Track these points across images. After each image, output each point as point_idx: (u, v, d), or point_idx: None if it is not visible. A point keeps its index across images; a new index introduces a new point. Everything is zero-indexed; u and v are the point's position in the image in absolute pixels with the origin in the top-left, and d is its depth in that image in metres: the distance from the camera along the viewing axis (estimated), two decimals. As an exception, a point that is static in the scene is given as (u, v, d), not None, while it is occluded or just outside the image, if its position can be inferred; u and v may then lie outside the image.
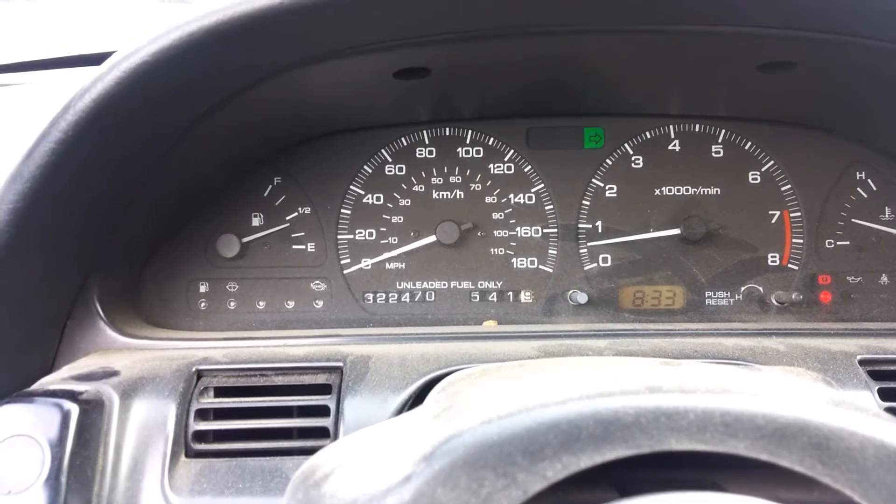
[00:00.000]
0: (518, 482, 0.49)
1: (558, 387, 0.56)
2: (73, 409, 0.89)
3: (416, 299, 1.41)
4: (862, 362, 1.03)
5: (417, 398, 0.96)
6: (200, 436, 0.95)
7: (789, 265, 1.41)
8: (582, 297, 1.37)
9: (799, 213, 1.41)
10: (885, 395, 0.98)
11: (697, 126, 1.42)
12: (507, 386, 0.64)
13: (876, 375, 1.01)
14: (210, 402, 0.99)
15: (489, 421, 0.52)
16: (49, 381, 0.99)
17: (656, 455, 0.50)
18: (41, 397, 0.91)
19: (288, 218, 1.41)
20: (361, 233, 1.42)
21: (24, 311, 1.04)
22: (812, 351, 1.06)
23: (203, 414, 0.97)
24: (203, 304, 1.39)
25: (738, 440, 0.50)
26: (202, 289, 1.40)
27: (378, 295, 1.42)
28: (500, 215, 1.42)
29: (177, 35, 0.89)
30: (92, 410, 0.91)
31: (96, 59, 0.95)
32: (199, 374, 1.02)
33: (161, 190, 1.21)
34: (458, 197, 1.42)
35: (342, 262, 1.42)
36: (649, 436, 0.50)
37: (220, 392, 1.01)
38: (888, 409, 0.96)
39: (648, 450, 0.50)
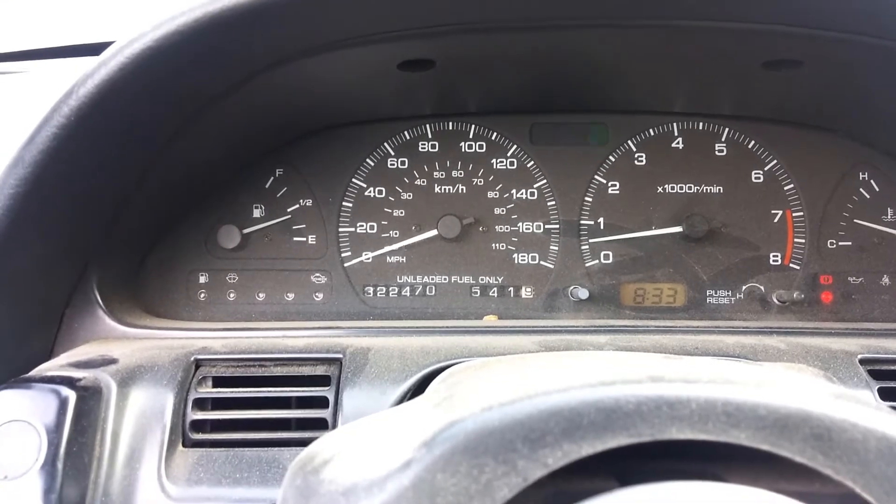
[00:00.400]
0: (518, 469, 0.48)
1: (560, 376, 0.56)
2: (71, 395, 0.89)
3: (417, 293, 1.41)
4: (862, 361, 1.03)
5: (416, 391, 0.96)
6: (198, 425, 0.95)
7: (791, 264, 1.40)
8: (583, 294, 1.37)
9: (801, 213, 1.40)
10: (885, 394, 0.98)
11: (701, 124, 1.42)
12: (509, 376, 0.63)
13: (876, 375, 1.00)
14: (208, 391, 0.98)
15: (490, 408, 0.52)
16: (47, 368, 0.99)
17: (657, 444, 0.50)
18: (39, 383, 0.90)
19: (289, 210, 1.41)
20: (363, 226, 1.42)
21: (23, 298, 1.04)
22: (813, 350, 1.06)
23: (201, 403, 0.97)
24: (203, 295, 1.39)
25: (740, 430, 0.50)
26: (202, 279, 1.39)
27: (378, 288, 1.41)
28: (502, 210, 1.42)
29: (181, 21, 0.89)
30: (90, 398, 0.91)
31: (99, 49, 0.94)
32: (198, 364, 1.01)
33: (162, 179, 1.21)
34: (460, 191, 1.42)
35: (343, 254, 1.41)
36: (650, 424, 0.50)
37: (219, 382, 1.01)
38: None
39: (649, 438, 0.49)
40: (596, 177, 1.42)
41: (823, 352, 1.05)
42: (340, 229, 1.41)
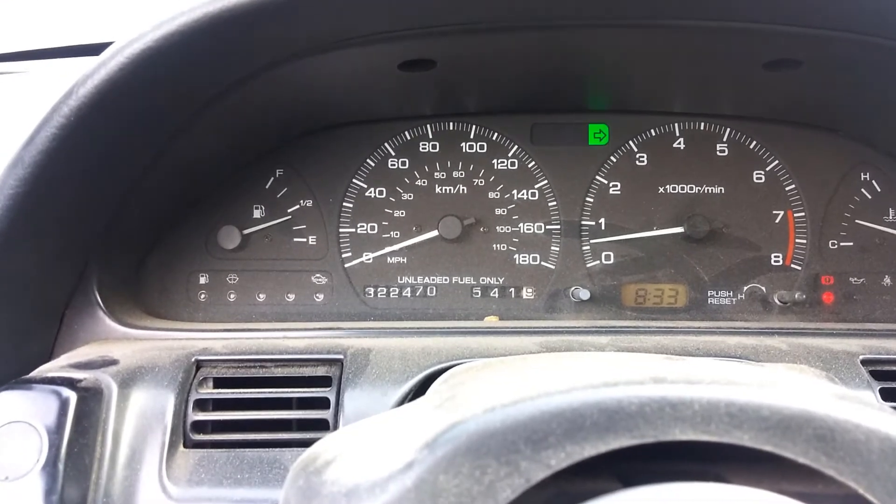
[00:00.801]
0: (521, 470, 0.48)
1: (562, 376, 0.56)
2: (72, 396, 0.89)
3: (418, 294, 1.41)
4: (864, 362, 1.03)
5: (417, 392, 0.96)
6: (199, 426, 0.95)
7: (792, 265, 1.40)
8: (584, 294, 1.37)
9: (803, 213, 1.40)
10: (886, 395, 0.98)
11: (702, 124, 1.42)
12: (511, 377, 0.63)
13: (878, 375, 1.00)
14: (209, 392, 0.98)
15: (492, 409, 0.52)
16: (48, 369, 0.99)
17: (660, 446, 0.50)
18: (40, 384, 0.90)
19: (289, 210, 1.41)
20: (363, 226, 1.41)
21: (23, 299, 1.04)
22: (814, 350, 1.05)
23: (202, 404, 0.97)
24: (203, 296, 1.39)
25: (743, 431, 0.50)
26: (202, 280, 1.39)
27: (379, 289, 1.41)
28: (503, 211, 1.42)
29: (182, 21, 0.89)
30: (90, 398, 0.91)
31: (99, 49, 0.94)
32: (199, 365, 1.01)
33: (162, 179, 1.21)
34: (460, 192, 1.42)
35: (343, 255, 1.41)
36: (653, 426, 0.49)
37: (220, 383, 1.01)
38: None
39: (652, 439, 0.49)
40: (597, 177, 1.42)
41: (825, 352, 1.05)
42: (341, 230, 1.41)
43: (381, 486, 0.50)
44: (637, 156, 1.42)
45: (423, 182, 1.42)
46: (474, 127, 1.42)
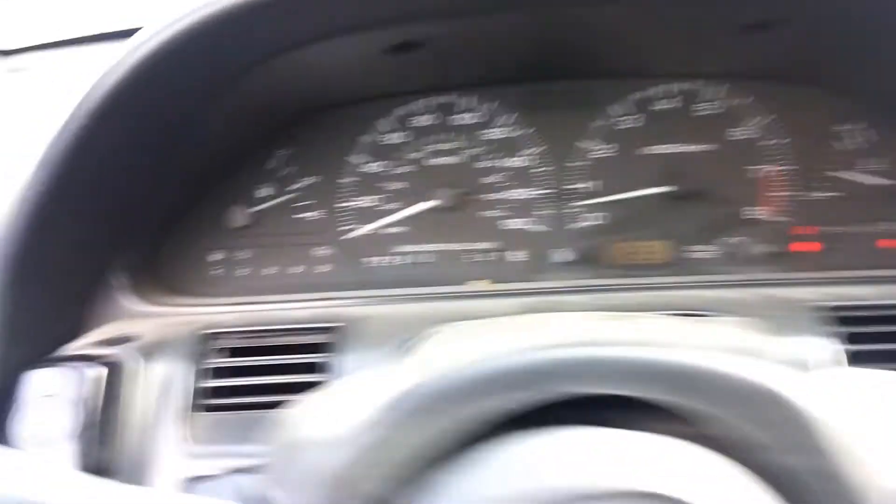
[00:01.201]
0: (464, 424, 0.57)
1: (505, 341, 0.64)
2: (98, 371, 1.00)
3: (414, 262, 1.48)
4: (835, 308, 1.09)
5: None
6: (213, 392, 1.06)
7: (773, 218, 1.43)
8: (569, 256, 1.42)
9: (785, 168, 1.43)
10: (854, 339, 1.04)
11: (686, 84, 1.44)
12: (466, 342, 0.72)
13: (846, 322, 1.07)
14: (222, 361, 1.09)
15: (443, 370, 0.61)
16: (76, 347, 1.09)
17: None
18: (69, 361, 1.01)
19: (292, 188, 1.48)
20: (361, 200, 1.48)
21: (55, 285, 1.13)
22: (789, 301, 1.12)
23: (215, 372, 1.07)
24: (215, 272, 1.48)
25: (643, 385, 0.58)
26: (214, 258, 1.48)
27: (377, 259, 1.48)
28: (493, 179, 1.47)
29: (188, 21, 0.95)
30: (115, 372, 1.02)
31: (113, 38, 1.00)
32: (212, 337, 1.12)
33: (176, 166, 1.30)
34: (453, 162, 1.48)
35: (343, 228, 1.49)
36: (542, 384, 0.58)
37: (231, 352, 1.11)
38: (856, 353, 1.03)
39: (540, 398, 0.58)
40: (582, 141, 1.46)
41: (798, 302, 1.11)
42: (341, 204, 1.48)
43: (348, 440, 0.59)
44: (621, 118, 1.46)
45: (417, 155, 1.48)
46: (464, 99, 1.48)
